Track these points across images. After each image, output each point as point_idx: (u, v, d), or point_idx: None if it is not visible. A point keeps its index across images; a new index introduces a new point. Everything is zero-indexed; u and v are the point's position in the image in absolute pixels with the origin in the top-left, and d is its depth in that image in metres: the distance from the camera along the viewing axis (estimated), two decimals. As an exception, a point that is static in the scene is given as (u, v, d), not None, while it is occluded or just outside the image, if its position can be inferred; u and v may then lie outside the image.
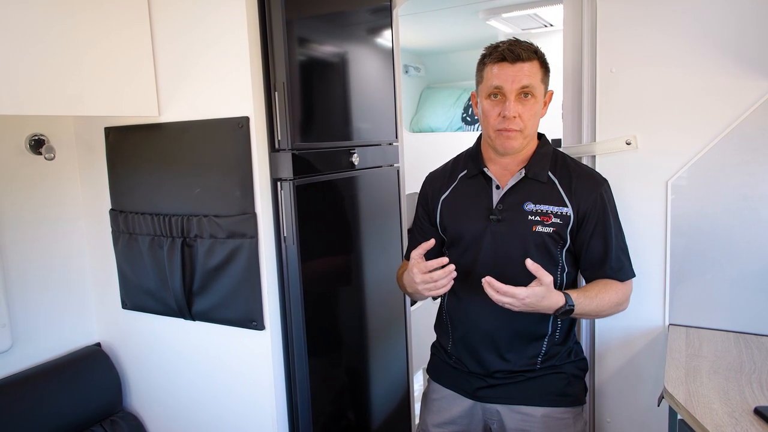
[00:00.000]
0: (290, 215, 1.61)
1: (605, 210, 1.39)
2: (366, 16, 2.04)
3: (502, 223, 1.39)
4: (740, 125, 1.49)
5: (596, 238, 1.38)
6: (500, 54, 1.33)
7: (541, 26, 3.73)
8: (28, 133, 1.77)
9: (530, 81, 1.32)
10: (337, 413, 1.92)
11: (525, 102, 1.33)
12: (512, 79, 1.31)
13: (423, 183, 1.60)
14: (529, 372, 1.43)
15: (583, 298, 1.32)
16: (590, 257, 1.40)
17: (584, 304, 1.32)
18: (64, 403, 1.77)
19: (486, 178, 1.44)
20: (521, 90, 1.32)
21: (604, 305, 1.36)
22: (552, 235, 1.36)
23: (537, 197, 1.38)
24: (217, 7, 1.56)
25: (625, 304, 1.43)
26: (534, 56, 1.33)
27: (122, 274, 1.87)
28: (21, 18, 1.34)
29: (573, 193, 1.38)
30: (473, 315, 1.44)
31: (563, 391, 1.43)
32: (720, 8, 1.49)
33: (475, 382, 1.47)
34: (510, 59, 1.31)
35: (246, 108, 1.56)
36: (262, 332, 1.65)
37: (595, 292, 1.36)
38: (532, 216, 1.37)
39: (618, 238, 1.41)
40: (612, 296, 1.37)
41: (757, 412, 1.11)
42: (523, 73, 1.31)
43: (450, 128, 4.49)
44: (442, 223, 1.50)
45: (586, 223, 1.38)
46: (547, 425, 1.42)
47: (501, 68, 1.32)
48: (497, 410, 1.46)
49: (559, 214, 1.36)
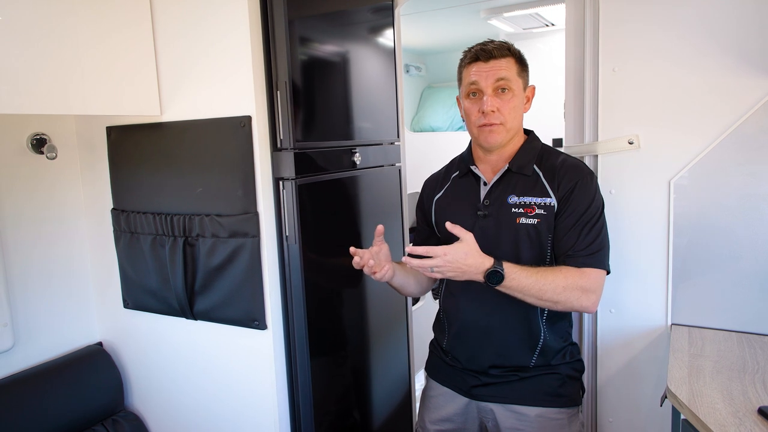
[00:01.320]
0: (292, 214, 1.61)
1: (579, 196, 1.34)
2: (367, 16, 2.04)
3: (489, 218, 1.40)
4: (743, 125, 1.49)
5: (565, 224, 1.34)
6: (474, 54, 1.38)
7: (542, 25, 3.73)
8: (29, 133, 1.77)
9: (505, 74, 1.35)
10: (339, 413, 1.92)
11: (502, 96, 1.36)
12: (486, 74, 1.35)
13: (422, 186, 1.64)
14: (522, 371, 1.43)
15: (519, 270, 1.25)
16: (558, 243, 1.35)
17: (519, 276, 1.25)
18: (66, 403, 1.77)
19: (475, 177, 1.48)
20: (497, 84, 1.35)
21: (547, 286, 1.26)
22: (537, 226, 1.35)
23: (520, 190, 1.39)
24: (219, 6, 1.56)
25: (582, 298, 1.29)
26: (507, 53, 1.37)
27: (124, 274, 1.87)
28: (23, 17, 1.34)
29: (554, 182, 1.37)
30: (467, 310, 1.46)
31: (557, 391, 1.43)
32: (723, 8, 1.49)
33: (470, 380, 1.48)
34: (483, 58, 1.36)
35: (248, 107, 1.56)
36: (264, 332, 1.65)
37: (537, 270, 1.28)
38: (516, 208, 1.38)
39: (590, 226, 1.34)
40: (559, 279, 1.27)
41: (761, 412, 1.11)
42: (498, 68, 1.35)
43: (451, 128, 4.49)
44: (437, 222, 1.54)
45: (562, 210, 1.35)
46: (540, 425, 1.42)
47: (476, 67, 1.37)
48: (491, 409, 1.46)
49: (543, 205, 1.36)
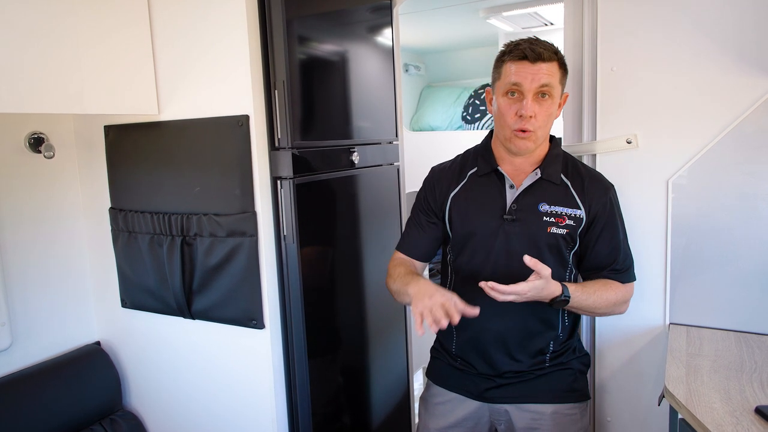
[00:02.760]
0: (290, 214, 1.61)
1: (614, 213, 1.41)
2: (366, 15, 2.04)
3: (516, 223, 1.38)
4: (741, 124, 1.49)
5: (604, 240, 1.39)
6: (521, 52, 1.29)
7: (541, 25, 3.72)
8: (27, 132, 1.77)
9: (549, 80, 1.29)
10: (337, 412, 1.92)
11: (542, 102, 1.31)
12: (532, 77, 1.29)
13: (427, 176, 1.55)
14: (538, 370, 1.43)
15: (581, 292, 1.33)
16: (595, 258, 1.41)
17: (581, 298, 1.33)
18: (64, 402, 1.77)
19: (499, 177, 1.42)
20: (540, 89, 1.30)
21: (601, 302, 1.37)
22: (565, 236, 1.37)
23: (551, 198, 1.38)
24: (217, 5, 1.55)
25: (624, 307, 1.44)
26: (554, 57, 1.31)
27: (122, 273, 1.87)
28: (21, 16, 1.34)
29: (585, 194, 1.39)
30: (483, 316, 1.36)
31: (571, 386, 1.44)
32: (720, 7, 1.49)
33: (482, 383, 1.46)
34: (531, 58, 1.28)
35: (246, 106, 1.56)
36: (262, 331, 1.65)
37: (594, 289, 1.37)
38: (547, 217, 1.37)
39: (624, 241, 1.43)
40: (611, 295, 1.38)
41: (758, 412, 1.11)
42: (543, 73, 1.29)
43: (450, 127, 4.49)
44: (452, 219, 1.46)
45: (595, 225, 1.39)
46: (556, 422, 1.42)
47: (521, 66, 1.30)
48: (506, 410, 1.45)
49: (573, 216, 1.37)
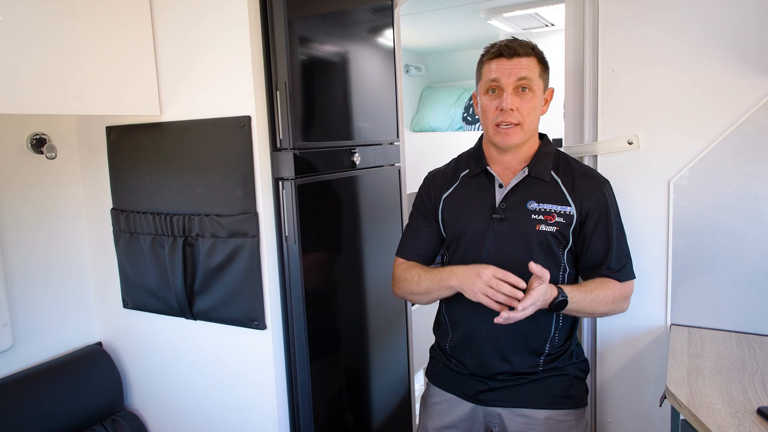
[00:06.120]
0: (292, 214, 1.61)
1: (607, 209, 1.39)
2: (367, 16, 2.04)
3: (505, 222, 1.38)
4: (742, 125, 1.49)
5: (597, 237, 1.38)
6: (497, 50, 1.35)
7: (542, 26, 3.73)
8: (29, 132, 1.77)
9: (527, 74, 1.33)
10: (338, 413, 1.92)
11: (523, 96, 1.34)
12: (509, 72, 1.33)
13: (423, 181, 1.58)
14: (531, 374, 1.42)
15: (577, 292, 1.32)
16: (591, 257, 1.40)
17: (578, 298, 1.32)
18: (65, 402, 1.77)
19: (489, 177, 1.44)
20: (518, 83, 1.33)
21: (600, 302, 1.36)
22: (555, 234, 1.36)
23: (540, 196, 1.38)
24: (218, 6, 1.56)
25: (624, 305, 1.43)
26: (531, 52, 1.35)
27: (123, 274, 1.87)
28: (22, 17, 1.34)
29: (576, 192, 1.38)
30: (475, 317, 1.41)
31: (566, 393, 1.43)
32: (722, 8, 1.49)
33: (476, 385, 1.46)
34: (507, 54, 1.33)
35: (247, 107, 1.56)
36: (264, 332, 1.65)
37: (590, 289, 1.36)
38: (536, 215, 1.36)
39: (619, 238, 1.41)
40: (608, 293, 1.37)
41: (761, 413, 1.11)
42: (521, 67, 1.33)
43: (451, 128, 4.49)
44: (444, 220, 1.49)
45: (588, 222, 1.38)
46: (549, 428, 1.41)
47: (498, 63, 1.34)
48: (499, 413, 1.45)
49: (563, 213, 1.36)
